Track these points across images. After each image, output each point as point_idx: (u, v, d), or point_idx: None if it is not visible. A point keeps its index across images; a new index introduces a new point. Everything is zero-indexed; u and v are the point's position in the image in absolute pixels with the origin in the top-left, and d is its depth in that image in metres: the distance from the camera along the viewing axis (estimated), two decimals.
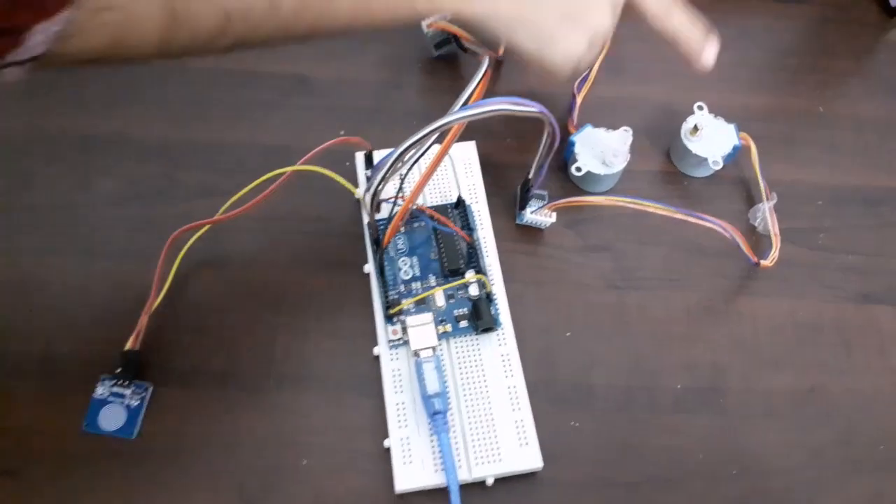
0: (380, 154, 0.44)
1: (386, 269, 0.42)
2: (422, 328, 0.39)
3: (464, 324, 0.41)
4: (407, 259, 0.43)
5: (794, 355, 0.43)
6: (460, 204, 0.44)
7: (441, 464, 0.37)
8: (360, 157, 0.46)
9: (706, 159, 0.46)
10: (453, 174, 0.45)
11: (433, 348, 0.39)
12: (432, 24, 0.49)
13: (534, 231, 0.46)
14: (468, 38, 0.49)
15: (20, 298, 0.42)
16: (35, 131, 0.47)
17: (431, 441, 0.38)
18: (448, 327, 0.41)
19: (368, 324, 0.42)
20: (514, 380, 0.40)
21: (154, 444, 0.39)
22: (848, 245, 0.46)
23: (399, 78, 0.51)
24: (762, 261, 0.44)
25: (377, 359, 0.41)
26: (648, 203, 0.42)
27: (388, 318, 0.41)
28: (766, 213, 0.45)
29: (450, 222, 0.41)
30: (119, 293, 0.42)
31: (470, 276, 0.42)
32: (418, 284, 0.42)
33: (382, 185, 0.36)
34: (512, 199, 0.46)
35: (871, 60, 0.54)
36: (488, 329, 0.41)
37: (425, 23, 0.49)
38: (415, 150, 0.39)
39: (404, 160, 0.39)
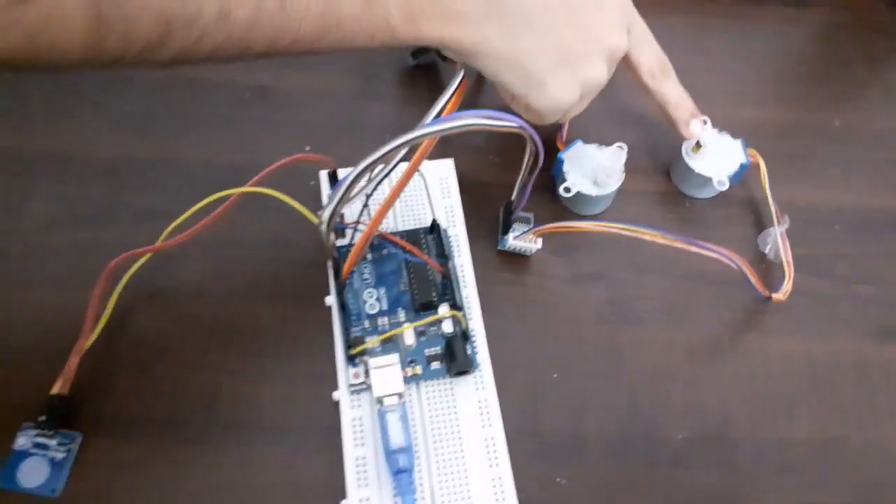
0: (346, 172, 0.39)
1: (349, 302, 0.38)
2: (386, 371, 0.35)
3: (436, 365, 0.36)
4: (373, 291, 0.38)
5: (811, 401, 0.38)
6: (435, 228, 0.39)
7: None
8: (323, 176, 0.41)
9: (710, 179, 0.41)
10: (427, 195, 0.40)
11: (399, 395, 0.34)
12: None
13: (518, 259, 0.41)
14: None
15: None
16: None
17: (395, 503, 0.33)
18: (418, 369, 0.36)
19: (329, 365, 0.37)
20: (493, 430, 0.35)
21: (80, 503, 0.34)
22: (869, 275, 0.41)
23: (372, 89, 0.46)
24: (774, 294, 0.39)
25: (337, 406, 0.36)
26: (644, 230, 0.37)
27: (350, 359, 0.36)
28: (777, 239, 0.40)
29: (418, 251, 0.36)
30: (49, 330, 0.38)
31: (444, 310, 0.37)
32: (385, 320, 0.37)
33: (339, 208, 0.32)
34: (492, 223, 0.41)
35: (890, 69, 0.49)
36: (463, 372, 0.36)
37: None
38: (380, 168, 0.34)
39: (371, 179, 0.35)
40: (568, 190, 0.41)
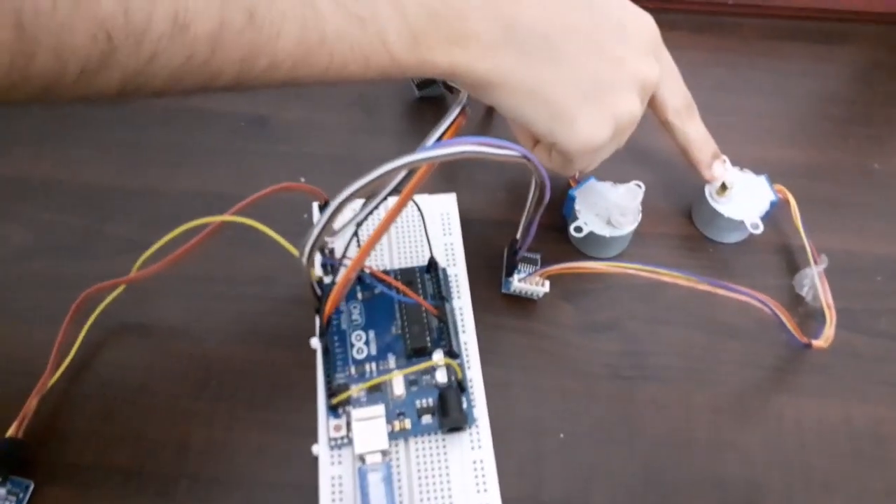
0: None
1: (335, 345, 0.34)
2: (369, 424, 0.31)
3: (427, 419, 0.33)
4: (362, 333, 0.35)
5: (850, 475, 0.33)
6: (433, 267, 0.36)
7: None
8: (315, 208, 0.39)
9: (740, 223, 0.38)
10: (424, 231, 0.37)
11: (383, 452, 0.31)
12: None
13: (523, 303, 0.37)
14: None
15: None
16: None
17: None
18: (407, 423, 0.32)
19: (311, 414, 0.33)
20: (489, 496, 0.31)
21: None
22: None
23: (374, 121, 0.44)
24: (814, 341, 0.35)
25: (316, 461, 0.32)
26: (664, 271, 0.33)
27: (332, 409, 0.33)
28: (815, 279, 0.36)
29: (409, 290, 0.33)
30: (10, 366, 0.35)
31: (438, 358, 0.33)
32: (373, 366, 0.34)
33: (321, 238, 0.28)
34: (496, 263, 0.38)
35: None
36: (457, 428, 0.32)
37: None
38: (369, 197, 0.32)
39: (364, 209, 0.32)
40: (579, 230, 0.37)
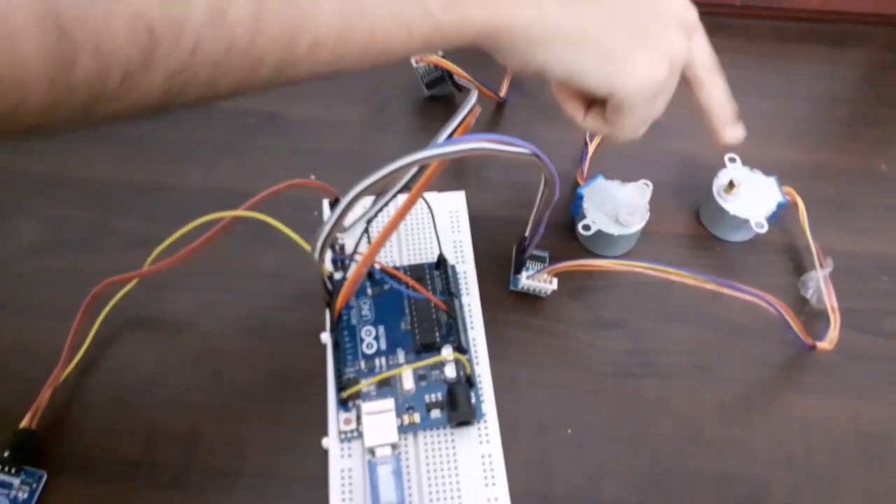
0: None
1: (345, 340, 0.35)
2: (379, 418, 0.31)
3: (436, 414, 0.33)
4: (372, 329, 0.35)
5: (856, 474, 0.33)
6: (442, 264, 0.36)
7: None
8: (326, 205, 0.39)
9: (746, 221, 0.38)
10: (434, 228, 0.37)
11: (392, 446, 0.31)
12: (423, 59, 0.43)
13: (531, 300, 0.38)
14: (463, 75, 0.43)
15: None
16: None
17: None
18: (416, 417, 0.33)
19: (321, 408, 0.34)
20: (497, 490, 0.31)
21: None
22: None
23: (384, 119, 0.44)
24: (819, 342, 0.35)
25: (326, 454, 0.33)
26: (673, 270, 0.34)
27: (342, 403, 0.33)
28: (820, 283, 0.36)
29: (419, 286, 0.33)
30: (25, 358, 0.35)
31: (447, 353, 0.34)
32: (383, 361, 0.34)
33: (333, 233, 0.29)
34: (505, 260, 0.38)
35: None
36: (466, 422, 0.33)
37: (415, 56, 0.43)
38: (380, 194, 0.32)
39: (373, 206, 0.33)
40: (587, 228, 0.38)
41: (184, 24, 0.22)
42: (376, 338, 0.35)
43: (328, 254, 0.36)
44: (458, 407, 0.32)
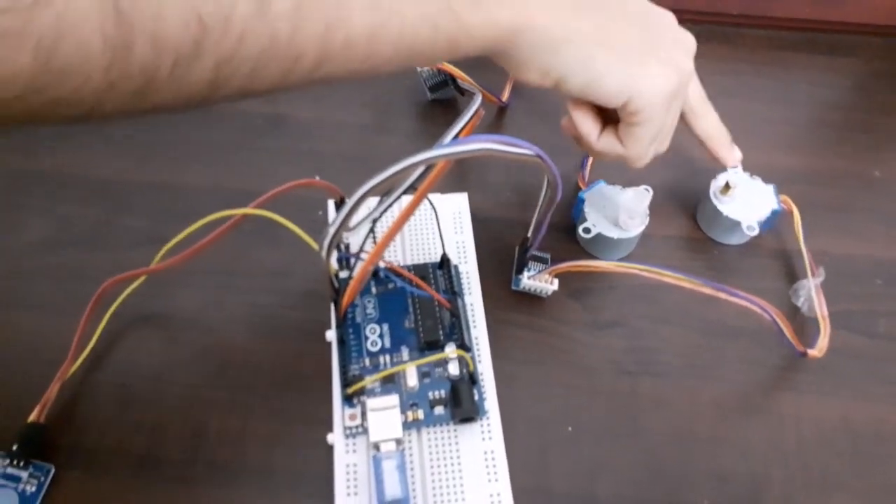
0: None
1: (350, 337, 0.35)
2: (384, 414, 0.32)
3: (439, 410, 0.34)
4: (376, 327, 0.36)
5: (849, 472, 0.34)
6: (445, 263, 0.37)
7: None
8: (331, 205, 0.40)
9: (739, 223, 0.39)
10: (438, 228, 0.38)
11: (397, 441, 0.31)
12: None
13: (532, 300, 0.38)
14: (466, 79, 0.44)
15: None
16: None
17: None
18: (420, 414, 0.33)
19: (325, 405, 0.34)
20: (499, 485, 0.32)
21: None
22: None
23: (388, 122, 0.45)
24: (809, 350, 0.36)
25: (331, 449, 0.33)
26: (669, 273, 0.34)
27: (347, 399, 0.33)
28: (811, 292, 0.37)
29: (425, 285, 0.34)
30: (33, 354, 0.36)
31: (450, 350, 0.34)
32: (387, 358, 0.35)
33: (341, 232, 0.29)
34: (506, 261, 0.39)
35: None
36: (469, 418, 0.33)
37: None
38: (385, 195, 0.33)
39: (379, 205, 0.33)
40: (588, 231, 0.38)
41: (231, 16, 0.23)
42: (381, 336, 0.35)
43: (334, 253, 0.36)
44: (461, 404, 0.33)
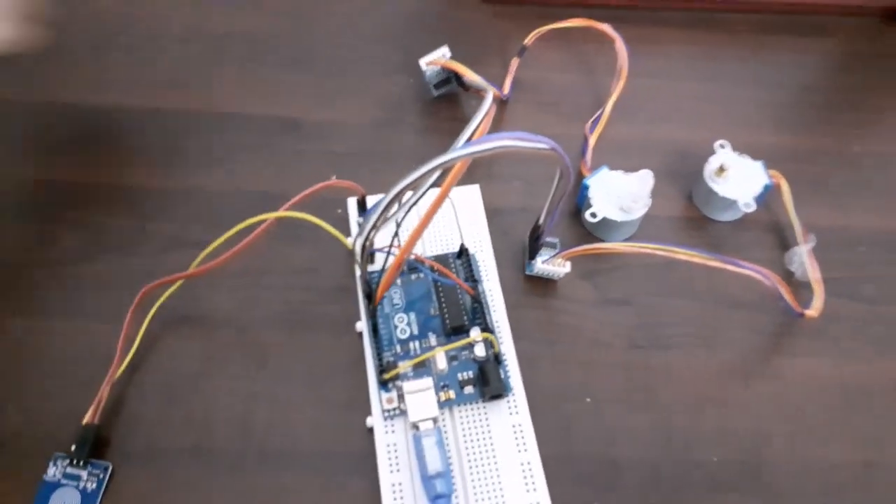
0: (374, 200, 0.40)
1: (380, 327, 0.38)
2: (421, 395, 0.34)
3: (469, 390, 0.36)
4: (403, 316, 0.38)
5: (842, 423, 0.37)
6: (463, 253, 0.40)
7: None
8: (352, 203, 0.42)
9: (735, 202, 0.41)
10: (455, 220, 0.40)
11: (434, 420, 0.34)
12: (431, 62, 0.46)
13: (545, 283, 0.41)
14: (473, 76, 0.46)
15: None
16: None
17: None
18: (451, 394, 0.36)
19: (362, 391, 0.37)
20: (529, 454, 0.35)
21: None
22: None
23: (396, 120, 0.47)
24: (806, 311, 0.39)
25: (371, 431, 0.36)
26: (677, 249, 0.37)
27: (383, 384, 0.36)
28: (803, 257, 0.40)
29: (451, 274, 0.37)
30: (80, 358, 0.38)
31: (475, 334, 0.37)
32: (416, 344, 0.37)
33: (374, 233, 0.32)
34: (518, 247, 0.42)
35: None
36: (497, 396, 0.36)
37: (424, 60, 0.46)
38: (411, 192, 0.35)
39: (400, 204, 0.35)
40: (594, 215, 0.41)
41: None
42: (408, 324, 0.38)
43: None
44: (490, 382, 0.35)
